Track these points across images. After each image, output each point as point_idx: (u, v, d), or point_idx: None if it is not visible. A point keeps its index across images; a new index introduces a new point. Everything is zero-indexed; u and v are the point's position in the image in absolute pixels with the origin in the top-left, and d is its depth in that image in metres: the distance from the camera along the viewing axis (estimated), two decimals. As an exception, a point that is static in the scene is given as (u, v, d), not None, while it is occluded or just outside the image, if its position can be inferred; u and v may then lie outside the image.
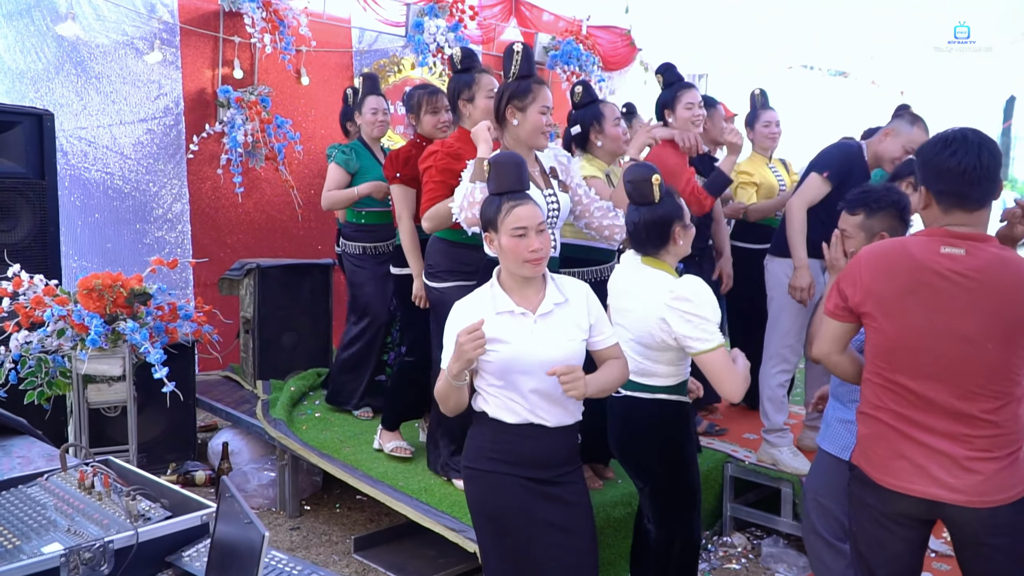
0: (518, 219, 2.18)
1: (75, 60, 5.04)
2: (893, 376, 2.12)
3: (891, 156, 3.49)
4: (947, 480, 2.05)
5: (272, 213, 6.02)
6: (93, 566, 1.73)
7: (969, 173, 2.01)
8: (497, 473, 2.24)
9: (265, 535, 1.36)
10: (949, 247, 2.03)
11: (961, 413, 2.05)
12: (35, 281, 3.66)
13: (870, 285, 2.13)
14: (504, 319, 2.21)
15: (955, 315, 2.02)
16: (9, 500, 2.06)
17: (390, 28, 6.63)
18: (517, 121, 2.95)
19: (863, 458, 2.22)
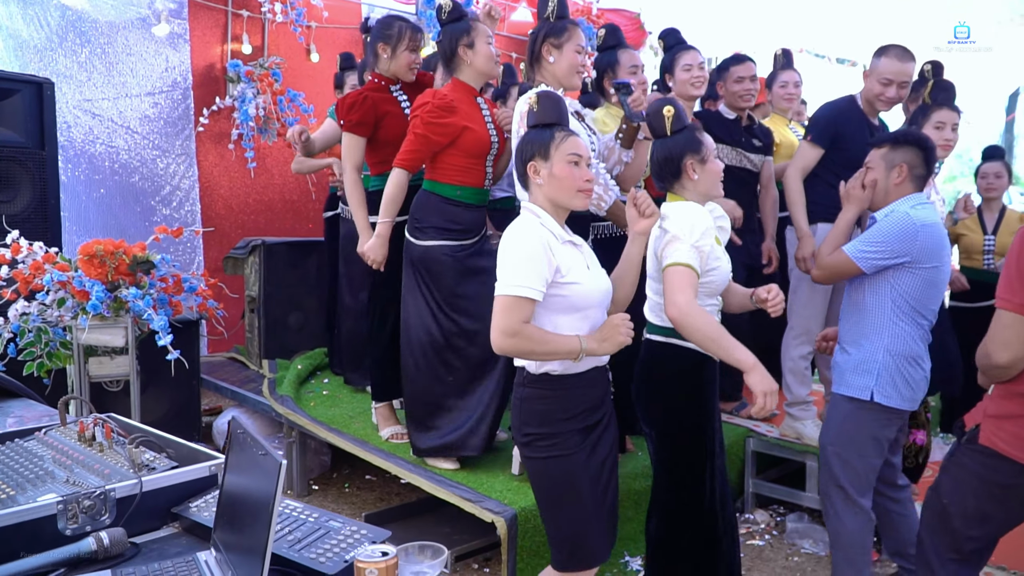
0: (575, 146, 2.13)
1: (79, 30, 4.92)
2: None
3: (874, 94, 3.44)
4: None
5: (284, 190, 5.90)
6: (93, 515, 1.61)
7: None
8: (565, 433, 2.14)
9: (282, 463, 1.24)
10: None
11: None
12: (34, 248, 3.54)
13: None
14: (569, 249, 2.13)
15: None
16: (4, 453, 1.94)
17: (401, 4, 6.51)
18: (553, 58, 2.94)
19: (1005, 437, 2.09)
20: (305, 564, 1.44)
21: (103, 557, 1.54)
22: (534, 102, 2.24)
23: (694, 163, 2.36)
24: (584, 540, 2.19)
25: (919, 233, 2.57)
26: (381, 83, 3.47)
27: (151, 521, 1.71)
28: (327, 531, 1.54)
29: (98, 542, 1.55)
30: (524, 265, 2.02)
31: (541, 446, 2.14)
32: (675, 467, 2.45)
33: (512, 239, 2.09)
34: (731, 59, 3.90)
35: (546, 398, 2.13)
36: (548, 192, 2.14)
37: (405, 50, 3.41)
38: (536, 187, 2.16)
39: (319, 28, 5.91)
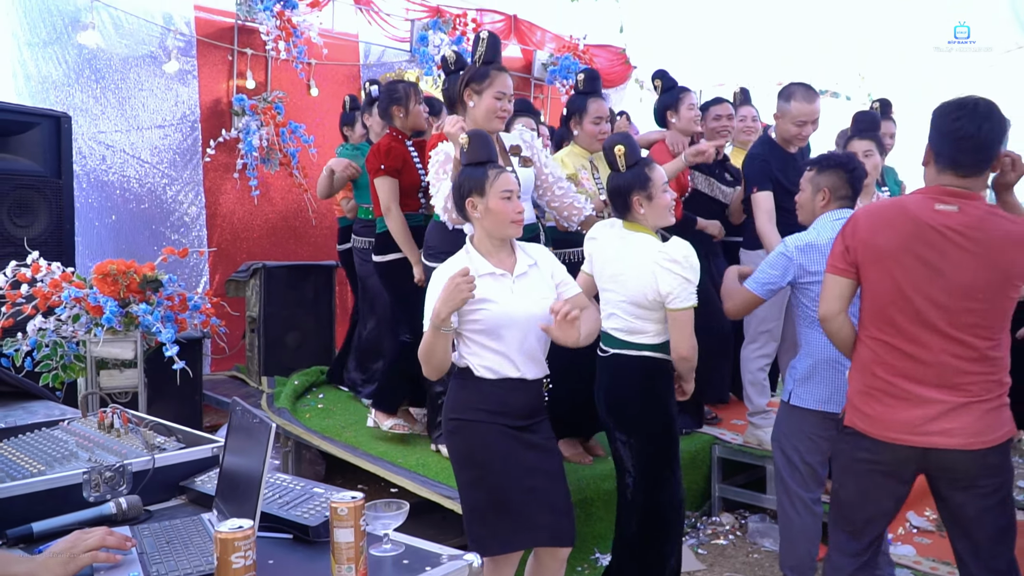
0: (507, 182, 2.41)
1: (94, 67, 5.26)
2: (888, 331, 2.23)
3: (792, 135, 3.77)
4: (943, 426, 2.16)
5: (286, 216, 6.23)
6: (113, 485, 1.89)
7: (966, 140, 2.15)
8: (480, 422, 2.40)
9: (272, 425, 1.52)
10: (943, 204, 2.16)
11: (953, 361, 2.16)
12: (52, 267, 3.83)
13: (869, 239, 2.24)
14: (486, 280, 2.37)
15: (949, 268, 2.14)
16: (33, 438, 2.23)
17: (396, 43, 6.88)
18: (473, 103, 3.11)
19: (857, 415, 2.31)
20: (292, 520, 1.72)
21: (121, 519, 1.83)
22: (465, 142, 2.52)
23: (640, 198, 2.67)
24: (494, 523, 2.38)
25: (794, 255, 2.85)
26: (399, 137, 3.89)
27: (162, 493, 1.99)
28: (311, 496, 1.83)
29: (117, 506, 1.84)
30: (427, 303, 2.36)
31: (459, 431, 2.43)
32: (651, 468, 2.73)
33: (435, 273, 2.42)
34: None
35: (465, 388, 2.44)
36: (486, 224, 2.43)
37: (415, 104, 3.89)
38: (475, 220, 2.45)
39: (318, 65, 6.26)
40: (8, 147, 4.24)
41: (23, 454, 2.08)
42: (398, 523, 1.63)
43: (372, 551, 1.60)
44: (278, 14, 5.68)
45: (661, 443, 2.71)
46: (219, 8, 5.81)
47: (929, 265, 2.16)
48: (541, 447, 2.46)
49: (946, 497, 2.29)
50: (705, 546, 3.73)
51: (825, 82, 9.92)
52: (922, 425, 2.18)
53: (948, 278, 2.15)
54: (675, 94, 4.08)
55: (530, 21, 8.08)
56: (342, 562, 1.45)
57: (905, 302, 2.19)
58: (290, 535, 1.72)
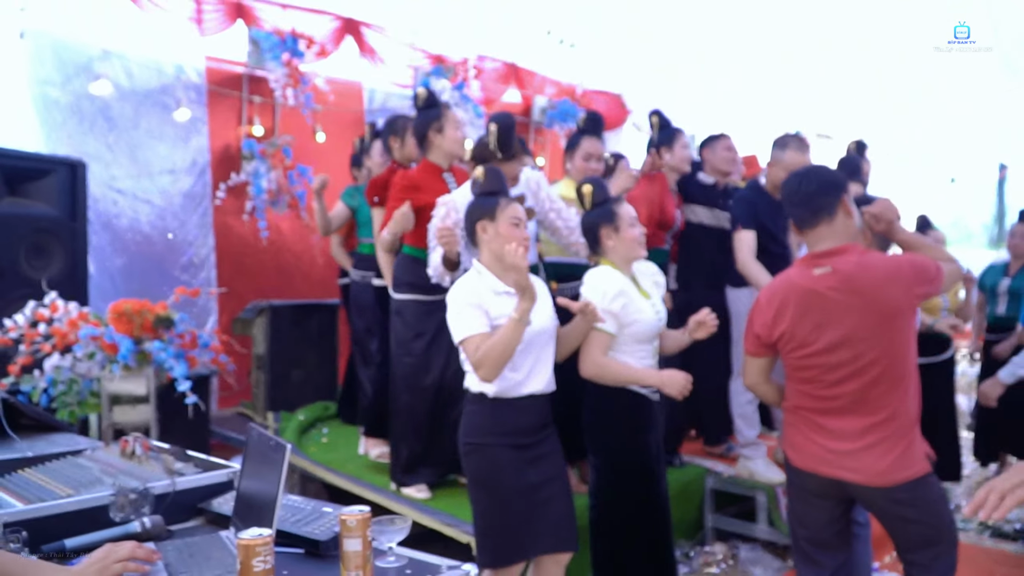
0: (516, 211, 2.63)
1: (107, 116, 5.48)
2: (805, 384, 2.49)
3: (780, 183, 3.89)
4: (850, 464, 2.41)
5: (294, 257, 6.42)
6: (137, 506, 2.04)
7: (792, 198, 2.50)
8: (492, 445, 2.57)
9: (288, 447, 1.68)
10: (819, 268, 2.44)
11: (863, 404, 2.40)
12: (70, 307, 4.01)
13: (773, 320, 2.50)
14: (502, 298, 2.56)
15: (840, 322, 2.38)
16: (59, 465, 2.38)
17: (399, 89, 7.13)
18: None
19: (788, 446, 2.60)
20: (304, 535, 1.87)
21: (146, 537, 1.97)
22: (480, 175, 2.76)
23: (608, 231, 2.85)
24: (500, 537, 2.56)
25: None
26: (397, 168, 4.07)
27: (182, 514, 2.14)
28: (320, 514, 1.98)
29: (142, 525, 1.99)
30: (462, 314, 2.53)
31: (474, 454, 2.59)
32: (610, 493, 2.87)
33: (452, 297, 2.60)
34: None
35: (481, 414, 2.59)
36: (493, 248, 2.61)
37: (411, 136, 4.02)
38: (484, 244, 2.64)
39: (324, 111, 6.49)
40: (27, 192, 4.43)
41: (51, 479, 2.23)
42: (401, 537, 1.78)
43: (377, 563, 1.74)
44: (286, 63, 5.93)
45: (624, 469, 2.83)
46: (229, 58, 6.06)
47: (823, 325, 2.40)
48: (547, 457, 2.63)
49: (879, 521, 2.52)
50: (697, 574, 3.84)
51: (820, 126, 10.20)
52: (836, 458, 2.42)
53: (841, 331, 2.38)
54: (671, 132, 4.26)
55: (528, 68, 8.35)
56: (351, 569, 1.60)
57: (814, 363, 2.43)
58: (302, 550, 1.86)
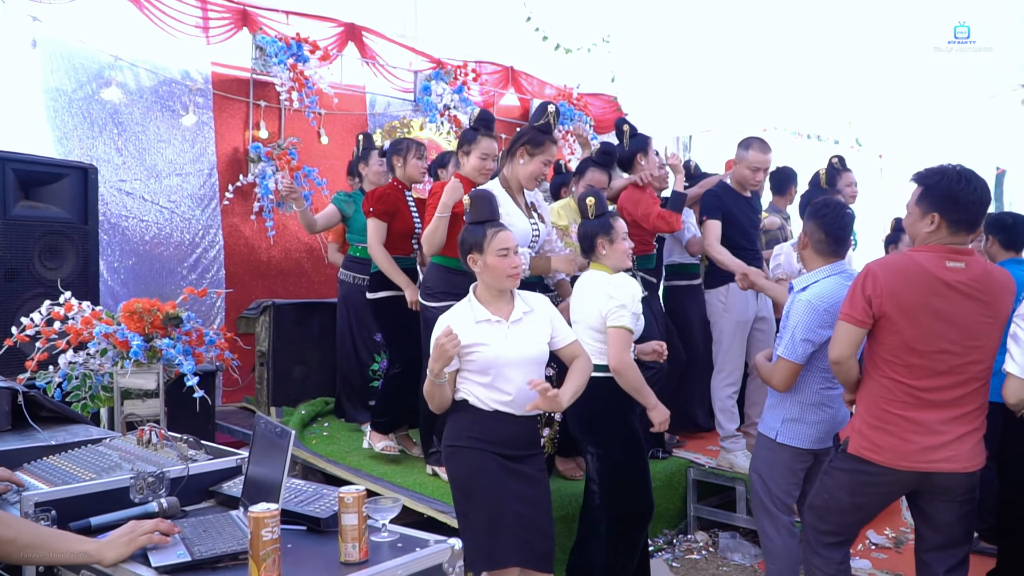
0: (503, 241, 2.73)
1: (116, 121, 5.68)
2: (903, 373, 2.57)
3: (745, 179, 4.35)
4: (946, 454, 2.55)
5: (300, 256, 6.63)
6: (154, 488, 2.24)
7: (985, 205, 2.57)
8: (474, 449, 2.71)
9: (292, 433, 1.88)
10: (952, 262, 2.54)
11: (958, 397, 2.55)
12: (83, 306, 4.21)
13: (891, 292, 2.54)
14: (483, 326, 2.72)
15: (961, 317, 2.53)
16: (81, 453, 2.58)
17: (401, 94, 7.34)
18: (523, 161, 3.50)
19: (867, 447, 2.64)
20: (306, 514, 2.07)
21: (163, 516, 2.17)
22: (467, 203, 2.88)
23: (604, 241, 3.07)
24: (483, 542, 2.65)
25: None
26: (399, 186, 4.31)
27: (195, 496, 2.35)
28: (321, 495, 2.18)
29: (159, 506, 2.19)
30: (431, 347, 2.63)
31: (454, 457, 2.74)
32: (614, 478, 3.08)
33: (438, 322, 2.75)
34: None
35: (461, 418, 2.75)
36: (485, 278, 2.77)
37: (413, 158, 4.28)
38: (476, 273, 2.78)
39: (328, 114, 6.70)
40: (40, 196, 4.62)
41: (74, 465, 2.44)
42: (393, 515, 1.98)
43: (372, 538, 1.94)
44: (291, 67, 6.13)
45: (623, 455, 3.06)
46: (235, 63, 6.26)
47: (942, 315, 2.52)
48: (530, 478, 2.74)
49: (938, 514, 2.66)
50: (679, 560, 4.05)
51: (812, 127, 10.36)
52: (928, 452, 2.54)
53: (959, 326, 2.52)
54: (642, 139, 4.48)
55: (526, 72, 8.55)
56: (348, 541, 1.80)
57: (921, 348, 2.54)
58: (304, 527, 2.07)
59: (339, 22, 6.83)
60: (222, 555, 1.84)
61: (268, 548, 1.65)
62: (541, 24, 8.24)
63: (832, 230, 3.05)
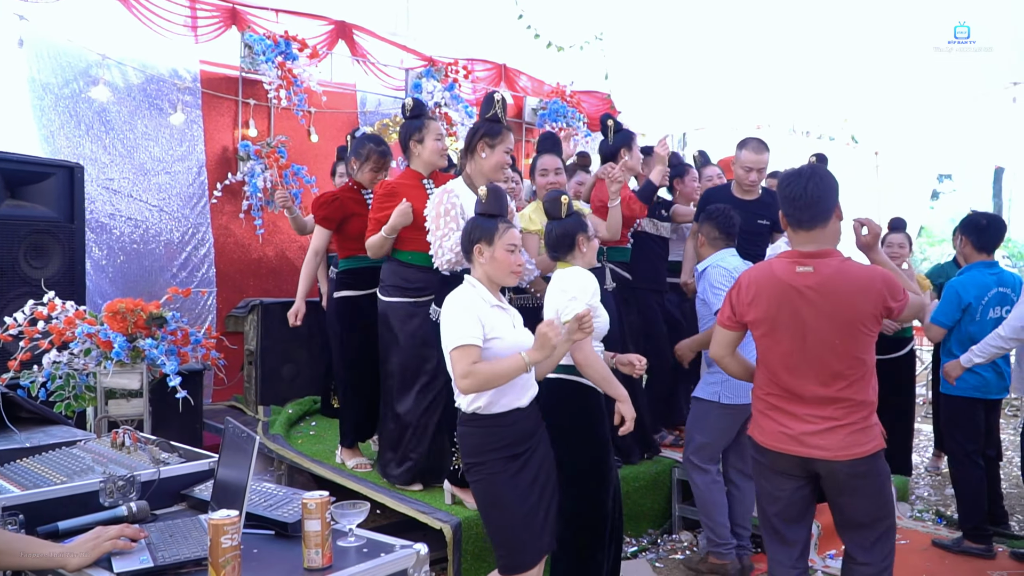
0: (514, 237, 2.72)
1: (104, 120, 5.67)
2: (773, 371, 2.70)
3: (738, 179, 4.43)
4: (817, 442, 2.63)
5: (289, 256, 6.61)
6: (124, 492, 2.24)
7: (797, 200, 2.61)
8: (495, 460, 2.64)
9: (256, 438, 1.88)
10: (801, 267, 2.62)
11: (823, 394, 2.62)
12: (67, 306, 4.20)
13: (749, 301, 2.71)
14: (496, 312, 2.68)
15: (811, 320, 2.59)
16: (54, 456, 2.58)
17: (392, 92, 7.32)
18: (485, 155, 3.47)
19: (756, 430, 2.80)
20: (274, 518, 2.07)
21: (132, 520, 2.17)
22: (484, 195, 2.81)
23: (583, 239, 3.04)
24: (514, 546, 2.66)
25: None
26: (354, 187, 4.26)
27: (167, 500, 2.35)
28: (290, 499, 2.17)
29: (128, 510, 2.18)
30: (460, 321, 2.59)
31: (476, 472, 2.68)
32: (582, 482, 3.07)
33: (450, 304, 2.67)
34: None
35: (475, 434, 2.67)
36: (488, 270, 2.72)
37: (371, 170, 4.20)
38: (479, 264, 2.73)
39: (318, 113, 6.69)
40: (26, 195, 4.61)
41: (47, 468, 2.43)
42: (360, 519, 1.97)
43: (339, 543, 1.94)
44: (279, 64, 6.12)
45: (593, 459, 3.04)
46: (224, 61, 6.25)
47: (796, 319, 2.61)
48: (542, 462, 2.73)
49: (831, 498, 2.73)
50: (663, 560, 4.05)
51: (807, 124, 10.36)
52: (804, 438, 2.64)
53: (811, 329, 2.59)
54: (626, 135, 4.44)
55: (518, 69, 8.54)
56: (311, 547, 1.80)
57: (782, 351, 2.65)
58: (272, 531, 2.06)
59: (330, 20, 6.82)
60: (185, 561, 1.84)
61: (228, 555, 1.65)
62: (533, 22, 8.24)
63: (724, 229, 3.84)
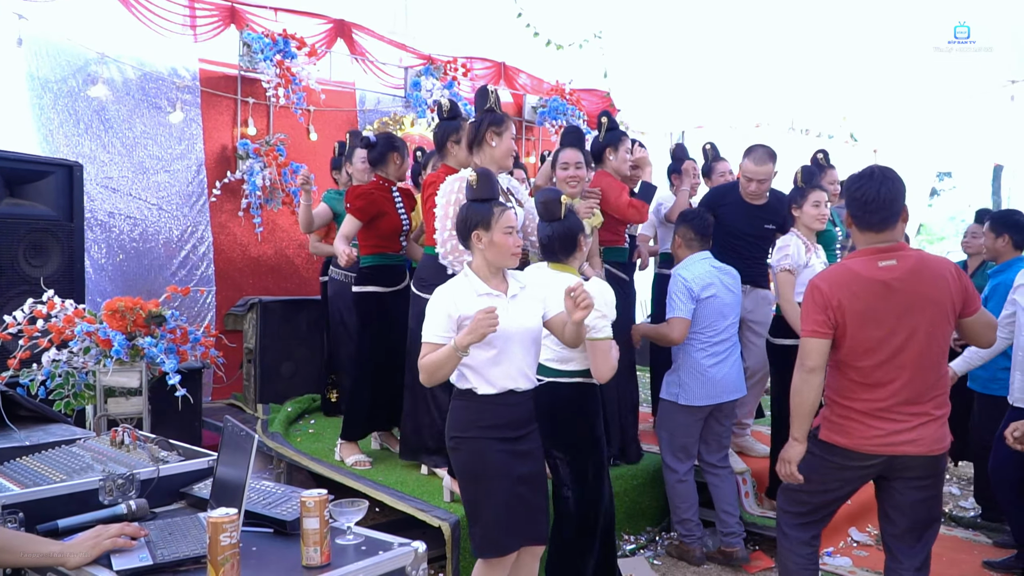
0: (510, 220, 2.73)
1: (103, 118, 5.67)
2: (863, 371, 2.67)
3: (746, 189, 4.41)
4: (911, 438, 2.65)
5: (289, 252, 6.63)
6: (124, 490, 2.25)
7: (870, 203, 2.63)
8: (479, 438, 2.67)
9: (255, 436, 1.88)
10: (884, 261, 2.63)
11: (914, 387, 2.64)
12: (66, 304, 4.21)
13: (837, 303, 2.66)
14: (484, 300, 2.67)
15: (902, 310, 2.61)
16: (54, 454, 2.59)
17: (391, 90, 7.33)
18: (495, 143, 3.51)
19: (838, 432, 2.76)
20: (273, 516, 2.07)
21: (131, 519, 2.18)
22: (473, 180, 2.80)
23: (583, 239, 3.06)
24: (489, 528, 2.67)
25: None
26: (385, 184, 4.27)
27: (166, 498, 2.35)
28: (289, 498, 2.18)
29: (128, 508, 2.19)
30: (430, 317, 2.66)
31: (461, 447, 2.70)
32: (585, 480, 3.08)
33: (434, 295, 2.71)
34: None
35: (467, 408, 2.70)
36: (489, 255, 2.72)
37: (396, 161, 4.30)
38: (478, 250, 2.74)
39: (317, 111, 6.69)
40: (25, 194, 4.62)
41: (46, 466, 2.44)
42: (359, 517, 1.98)
43: (337, 541, 1.95)
44: (277, 63, 6.12)
45: (592, 458, 3.06)
46: (222, 60, 6.25)
47: (886, 312, 2.62)
48: (529, 454, 2.75)
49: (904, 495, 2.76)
50: (660, 558, 4.06)
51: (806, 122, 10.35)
52: (892, 436, 2.65)
53: (902, 319, 2.61)
54: (617, 134, 4.43)
55: (518, 67, 8.54)
56: (309, 545, 1.81)
57: (875, 345, 2.64)
58: (271, 529, 2.07)
59: (328, 18, 6.82)
60: (184, 559, 1.84)
61: (226, 553, 1.66)
62: (532, 20, 8.24)
63: (699, 231, 4.04)
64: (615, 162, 4.34)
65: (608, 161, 4.36)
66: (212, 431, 5.42)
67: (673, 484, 4.08)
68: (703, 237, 4.04)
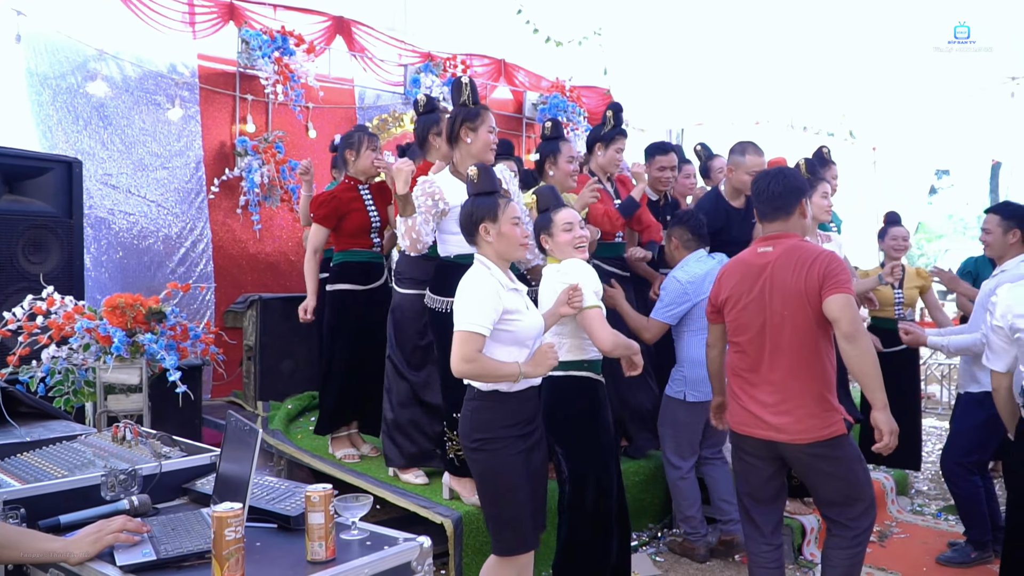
0: (515, 210, 2.72)
1: (102, 115, 5.66)
2: (738, 345, 2.93)
3: (742, 184, 4.35)
4: (773, 423, 2.80)
5: (287, 249, 6.61)
6: (126, 486, 2.23)
7: (761, 195, 2.94)
8: (501, 438, 2.63)
9: (259, 432, 1.87)
10: (762, 247, 2.91)
11: (775, 371, 2.80)
12: (66, 301, 4.19)
13: (720, 288, 3.01)
14: (512, 294, 2.66)
15: (767, 293, 2.81)
16: (56, 450, 2.57)
17: (390, 87, 7.31)
18: (470, 139, 3.43)
19: (728, 411, 3.03)
20: (276, 511, 2.06)
21: (133, 515, 2.16)
22: (475, 174, 2.78)
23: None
24: (519, 528, 2.67)
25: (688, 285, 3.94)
26: (351, 183, 4.23)
27: (168, 494, 2.34)
28: (293, 493, 2.17)
29: (130, 503, 2.18)
30: (477, 306, 2.56)
31: (486, 448, 2.64)
32: (586, 476, 3.06)
33: (468, 285, 2.64)
34: (656, 147, 4.60)
35: (492, 409, 2.64)
36: (497, 247, 2.69)
37: (366, 149, 4.19)
38: (486, 244, 2.70)
39: (316, 108, 6.67)
40: (24, 190, 4.60)
41: (48, 462, 2.43)
42: (363, 512, 1.97)
43: (341, 536, 1.93)
44: (276, 60, 6.10)
45: (594, 454, 3.03)
46: (221, 57, 6.23)
47: (756, 293, 2.84)
48: (538, 445, 2.76)
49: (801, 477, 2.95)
50: (663, 554, 4.05)
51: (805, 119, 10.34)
52: (761, 422, 2.82)
53: (766, 301, 2.82)
54: (611, 133, 4.31)
55: (518, 64, 8.52)
56: (314, 540, 1.80)
57: (744, 322, 2.88)
58: (275, 524, 2.06)
59: (328, 15, 6.80)
60: (188, 554, 1.83)
61: (231, 548, 1.64)
62: (532, 17, 8.22)
63: (695, 230, 4.08)
64: (602, 158, 4.31)
65: (596, 156, 4.33)
66: (212, 428, 5.41)
67: (675, 481, 4.10)
68: (700, 236, 4.08)
